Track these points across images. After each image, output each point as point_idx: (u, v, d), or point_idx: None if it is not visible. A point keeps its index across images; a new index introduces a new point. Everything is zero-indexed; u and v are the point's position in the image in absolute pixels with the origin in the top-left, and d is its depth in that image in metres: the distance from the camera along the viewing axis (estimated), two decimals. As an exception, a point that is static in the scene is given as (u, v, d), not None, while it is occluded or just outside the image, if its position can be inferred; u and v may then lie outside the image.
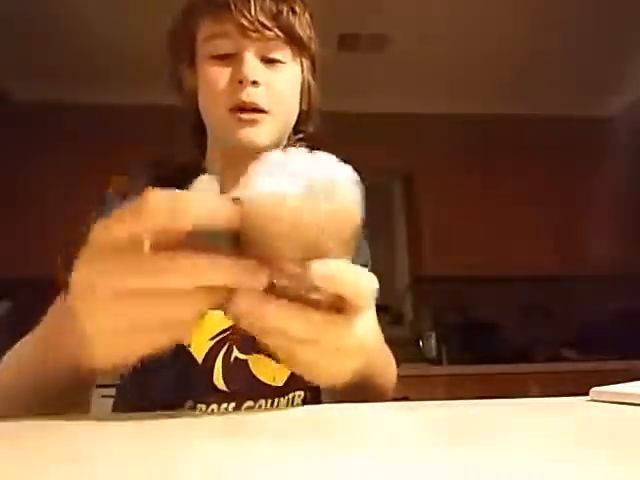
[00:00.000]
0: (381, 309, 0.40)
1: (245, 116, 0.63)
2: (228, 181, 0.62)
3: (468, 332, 2.93)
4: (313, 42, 0.70)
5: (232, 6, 0.64)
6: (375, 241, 0.88)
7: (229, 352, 0.61)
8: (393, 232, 3.27)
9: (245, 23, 0.63)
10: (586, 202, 3.08)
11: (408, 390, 2.42)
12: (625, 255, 2.97)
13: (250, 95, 0.63)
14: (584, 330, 2.92)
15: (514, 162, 3.09)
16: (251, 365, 0.61)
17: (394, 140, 3.05)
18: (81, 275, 0.32)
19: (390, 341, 0.60)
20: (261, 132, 0.64)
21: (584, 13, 2.50)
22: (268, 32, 0.64)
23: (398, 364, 0.63)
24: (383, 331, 0.57)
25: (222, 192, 0.61)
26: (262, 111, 0.63)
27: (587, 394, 0.39)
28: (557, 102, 3.16)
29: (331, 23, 2.55)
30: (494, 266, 2.91)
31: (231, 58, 0.65)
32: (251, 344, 0.60)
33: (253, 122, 0.64)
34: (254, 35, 0.63)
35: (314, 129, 0.76)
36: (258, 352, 0.61)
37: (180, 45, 0.71)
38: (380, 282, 0.34)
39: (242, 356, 0.61)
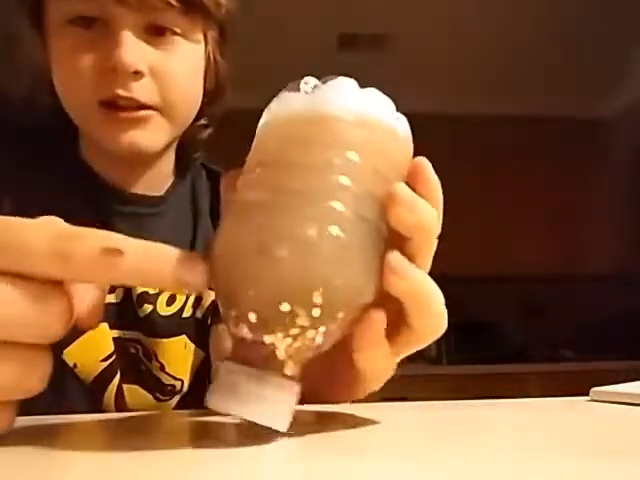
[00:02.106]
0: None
1: (124, 114, 0.45)
2: (120, 181, 0.53)
3: (468, 332, 2.93)
4: (221, 5, 0.50)
5: None
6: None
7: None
8: (393, 232, 3.26)
9: None
10: (586, 202, 3.08)
11: (408, 390, 2.42)
12: (625, 255, 2.97)
13: (130, 89, 0.45)
14: (583, 330, 2.92)
15: (514, 162, 3.09)
16: (126, 395, 0.51)
17: (394, 140, 3.04)
18: None
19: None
20: (149, 134, 0.47)
21: (584, 13, 2.50)
22: None
23: (398, 364, 0.62)
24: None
25: (116, 190, 0.52)
26: (148, 107, 0.46)
27: (587, 394, 0.39)
28: (557, 102, 3.16)
29: (331, 23, 2.55)
30: (494, 266, 2.91)
31: (98, 25, 0.45)
32: (134, 371, 0.51)
33: (137, 122, 0.46)
34: (132, 1, 0.43)
35: (222, 109, 0.57)
36: (137, 382, 0.51)
37: None
38: None
39: (123, 385, 0.51)
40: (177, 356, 0.53)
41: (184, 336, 0.53)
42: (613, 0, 2.42)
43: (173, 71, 0.47)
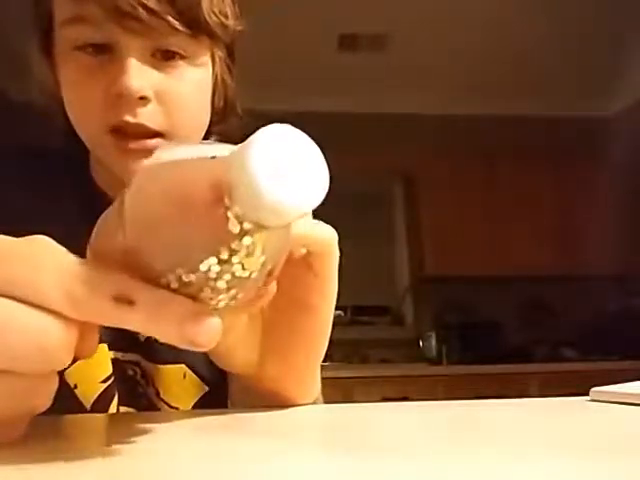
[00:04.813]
0: (381, 309, 0.40)
1: (133, 145, 0.45)
2: None
3: (468, 332, 2.93)
4: (228, 27, 0.49)
5: None
6: (375, 241, 0.87)
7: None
8: (393, 232, 3.27)
9: (122, 6, 0.42)
10: (586, 202, 3.08)
11: (408, 390, 2.42)
12: (625, 255, 2.97)
13: (137, 115, 0.45)
14: (584, 330, 2.92)
15: (514, 162, 3.09)
16: None
17: (394, 140, 3.05)
18: None
19: (390, 341, 0.58)
20: None
21: (584, 13, 2.50)
22: (156, 20, 0.43)
23: (398, 364, 0.62)
24: (383, 331, 0.54)
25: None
26: (154, 134, 0.46)
27: (587, 394, 0.39)
28: (557, 102, 3.16)
29: (331, 23, 2.55)
30: (494, 266, 2.91)
31: (105, 51, 0.45)
32: (130, 394, 0.51)
33: (146, 152, 0.44)
34: (136, 26, 0.43)
35: (232, 124, 0.57)
36: (132, 405, 0.51)
37: (36, 20, 0.49)
38: (380, 282, 0.33)
39: (121, 408, 0.50)
40: (173, 384, 0.52)
41: (183, 365, 0.52)
42: (613, 0, 2.43)
43: (180, 95, 0.47)
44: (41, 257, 0.21)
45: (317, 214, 0.28)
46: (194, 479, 0.19)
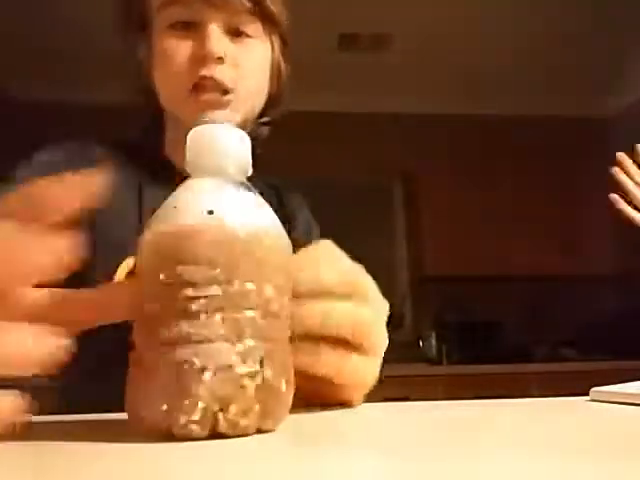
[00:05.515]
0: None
1: (206, 97, 0.57)
2: None
3: (468, 332, 2.93)
4: (285, 18, 0.64)
5: None
6: (375, 241, 0.86)
7: None
8: (393, 232, 3.27)
9: None
10: (586, 202, 3.08)
11: (408, 390, 2.42)
12: (625, 255, 2.97)
13: (213, 71, 0.57)
14: (584, 330, 2.92)
15: (514, 162, 3.09)
16: None
17: (394, 140, 3.05)
18: None
19: (390, 341, 0.59)
20: (226, 114, 0.59)
21: (584, 13, 2.50)
22: (236, 1, 0.57)
23: (398, 364, 0.62)
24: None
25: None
26: (226, 91, 0.58)
27: (587, 394, 0.39)
28: (557, 102, 3.16)
29: (331, 23, 2.55)
30: (494, 266, 2.91)
31: (192, 28, 0.58)
32: None
33: (216, 104, 0.58)
34: (219, 3, 0.57)
35: (280, 114, 0.69)
36: None
37: (131, 10, 0.63)
38: (380, 282, 0.34)
39: None
40: None
41: None
42: (613, 0, 2.42)
43: (247, 63, 0.59)
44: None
45: (317, 214, 0.27)
46: (201, 479, 0.19)
